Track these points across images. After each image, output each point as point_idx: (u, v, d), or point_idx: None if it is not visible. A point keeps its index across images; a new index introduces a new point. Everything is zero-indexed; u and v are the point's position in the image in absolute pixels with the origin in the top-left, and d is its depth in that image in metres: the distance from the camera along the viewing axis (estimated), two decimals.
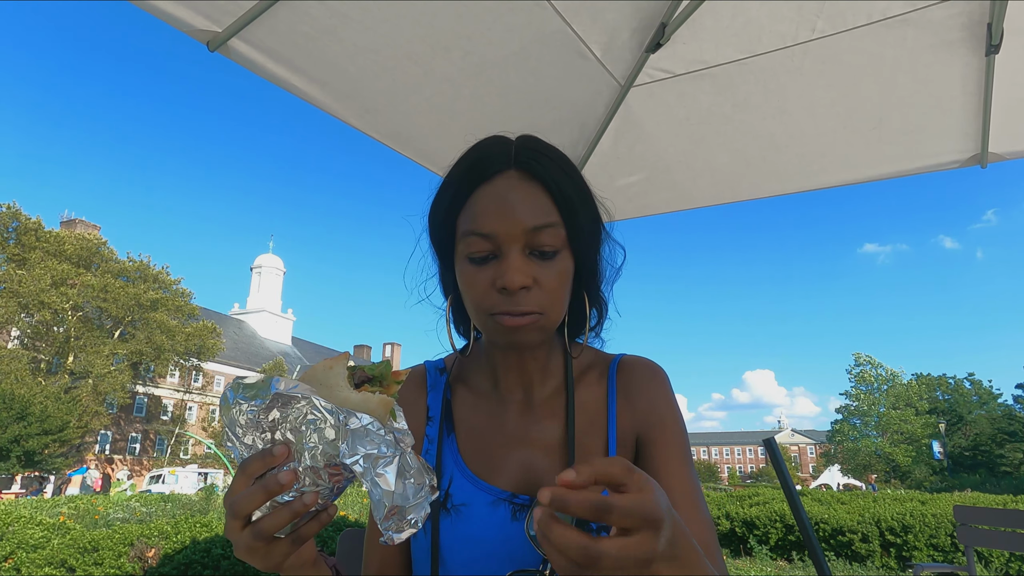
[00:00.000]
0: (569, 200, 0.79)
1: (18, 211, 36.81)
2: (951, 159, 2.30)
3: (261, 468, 0.59)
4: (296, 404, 0.59)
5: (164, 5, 1.41)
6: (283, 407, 0.60)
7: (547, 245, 0.76)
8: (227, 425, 0.63)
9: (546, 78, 2.02)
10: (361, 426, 0.58)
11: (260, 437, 0.62)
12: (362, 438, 0.58)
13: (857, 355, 55.05)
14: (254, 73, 1.61)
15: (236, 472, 0.61)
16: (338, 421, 0.58)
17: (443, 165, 2.13)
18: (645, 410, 0.85)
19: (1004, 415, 48.84)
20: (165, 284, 43.24)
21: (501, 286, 0.74)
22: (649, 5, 1.92)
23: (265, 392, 0.60)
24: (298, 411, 0.59)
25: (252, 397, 0.61)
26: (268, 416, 0.60)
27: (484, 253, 0.77)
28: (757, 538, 9.10)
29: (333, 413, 0.58)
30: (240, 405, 0.61)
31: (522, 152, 0.80)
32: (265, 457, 0.59)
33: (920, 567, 4.96)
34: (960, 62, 1.96)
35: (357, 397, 0.60)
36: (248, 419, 0.61)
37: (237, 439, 0.63)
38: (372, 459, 0.58)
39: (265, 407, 0.60)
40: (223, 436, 0.65)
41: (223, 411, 0.63)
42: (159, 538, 5.41)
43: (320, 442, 0.59)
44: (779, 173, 2.54)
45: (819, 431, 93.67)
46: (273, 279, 77.99)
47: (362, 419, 0.58)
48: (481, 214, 0.77)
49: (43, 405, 30.64)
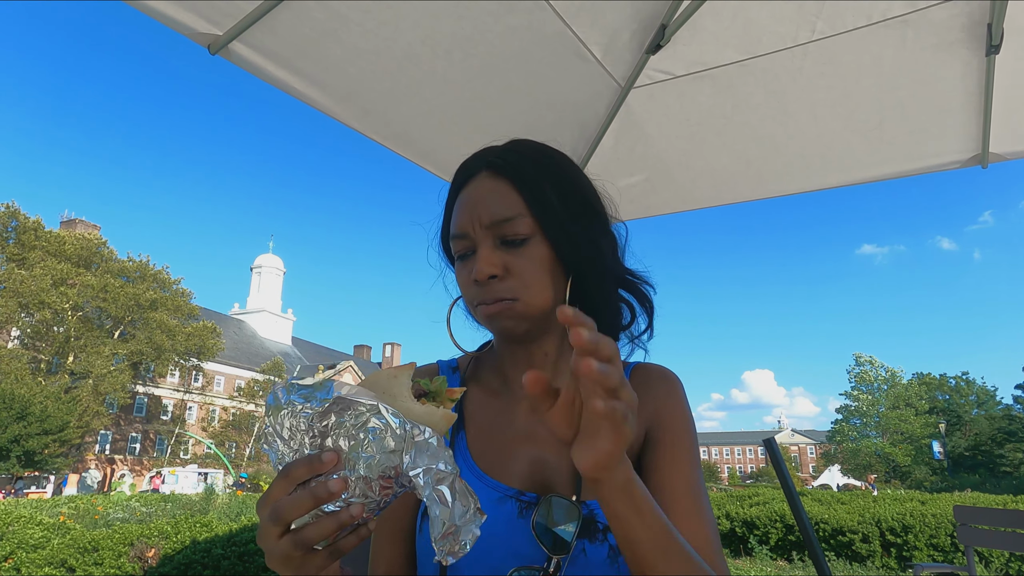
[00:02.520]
0: (537, 191, 0.83)
1: (17, 210, 36.80)
2: (952, 159, 2.30)
3: (306, 474, 0.56)
4: (357, 409, 0.57)
5: (165, 8, 1.41)
6: (341, 412, 0.57)
7: (514, 235, 0.81)
8: (271, 425, 0.60)
9: (546, 80, 2.02)
10: (424, 439, 0.56)
11: (310, 441, 0.58)
12: (424, 452, 0.56)
13: (857, 355, 55.12)
14: (255, 76, 1.60)
15: (277, 476, 0.58)
16: (404, 431, 0.56)
17: (444, 167, 2.16)
18: (654, 411, 0.86)
19: (1004, 415, 48.86)
20: (165, 284, 43.24)
21: (474, 278, 0.80)
22: (649, 6, 1.92)
23: (324, 394, 0.57)
24: (358, 417, 0.57)
25: (308, 398, 0.58)
26: (322, 420, 0.58)
27: (464, 251, 0.84)
28: (757, 538, 9.11)
29: (400, 423, 0.56)
30: (293, 406, 0.58)
31: (494, 153, 0.87)
32: (312, 463, 0.56)
33: (920, 567, 4.96)
34: (960, 62, 1.96)
35: (421, 409, 0.59)
36: (298, 421, 0.58)
37: (282, 440, 0.60)
38: (432, 474, 0.56)
39: (322, 410, 0.57)
40: (262, 437, 0.62)
41: (270, 411, 0.61)
42: (159, 538, 5.42)
43: (379, 452, 0.56)
44: (780, 174, 2.54)
45: (819, 431, 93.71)
46: (273, 279, 77.97)
47: (425, 432, 0.57)
48: (456, 217, 0.84)
49: (43, 405, 30.64)
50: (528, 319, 0.82)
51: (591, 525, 0.76)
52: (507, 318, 0.81)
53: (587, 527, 0.76)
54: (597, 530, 0.76)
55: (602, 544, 0.76)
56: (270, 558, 0.58)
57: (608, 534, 0.76)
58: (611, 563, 0.75)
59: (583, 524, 0.76)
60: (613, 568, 0.75)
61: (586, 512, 0.77)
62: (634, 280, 0.90)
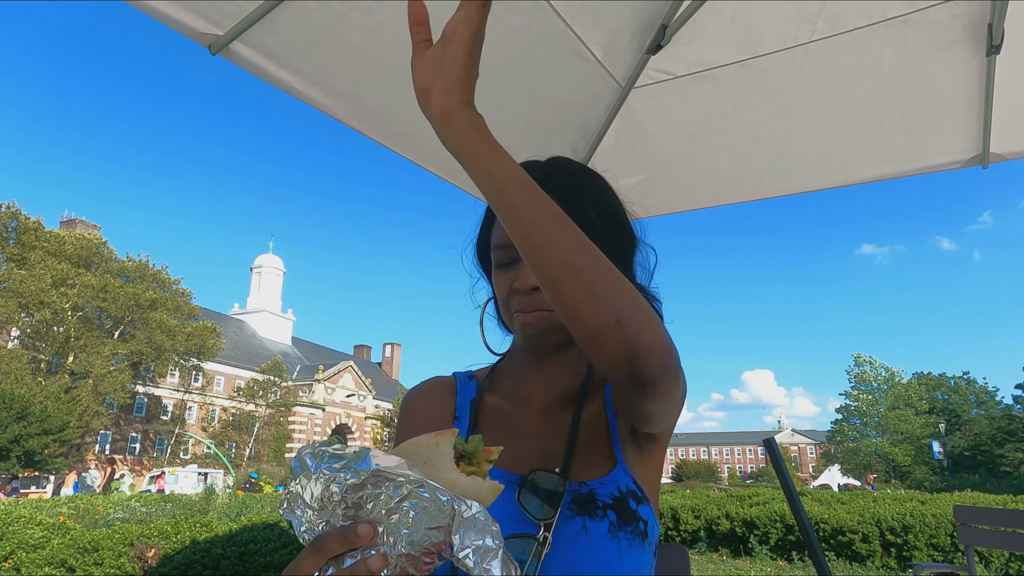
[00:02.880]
0: (582, 208, 0.86)
1: (18, 211, 36.79)
2: (953, 159, 2.30)
3: (340, 548, 0.54)
4: (397, 481, 0.54)
5: (166, 8, 1.41)
6: (378, 483, 0.54)
7: None
8: (295, 491, 0.57)
9: (547, 80, 2.02)
10: (472, 515, 0.54)
11: (343, 512, 0.56)
12: (471, 528, 0.53)
13: (857, 355, 55.13)
14: (256, 76, 1.60)
15: (307, 549, 0.55)
16: (453, 509, 0.53)
17: (444, 166, 2.15)
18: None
19: (1004, 415, 48.86)
20: (165, 284, 43.22)
21: (516, 288, 0.85)
22: (649, 6, 1.92)
23: (360, 465, 0.55)
24: (398, 489, 0.54)
25: (341, 468, 0.55)
26: (358, 491, 0.54)
27: (506, 261, 0.88)
28: (757, 538, 9.11)
29: (448, 500, 0.53)
30: (322, 476, 0.55)
31: (538, 168, 0.91)
32: (347, 536, 0.54)
33: (920, 567, 4.96)
34: (961, 62, 1.96)
35: (467, 482, 0.57)
36: (329, 490, 0.55)
37: (310, 510, 0.56)
38: (481, 552, 0.53)
39: (358, 482, 0.54)
40: (284, 501, 0.58)
41: (296, 476, 0.57)
42: (159, 538, 5.42)
43: (423, 527, 0.53)
44: (780, 174, 2.54)
45: (819, 431, 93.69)
46: (273, 279, 77.94)
47: (472, 507, 0.54)
48: (500, 227, 0.89)
49: (43, 405, 30.62)
50: (561, 331, 0.86)
51: (591, 503, 0.80)
52: (542, 328, 0.86)
53: (588, 505, 0.80)
54: (597, 508, 0.80)
55: (602, 521, 0.79)
56: None
57: (609, 511, 0.80)
58: (611, 538, 0.78)
59: (583, 502, 0.80)
60: (613, 543, 0.78)
61: (586, 491, 0.81)
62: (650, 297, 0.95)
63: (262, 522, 5.94)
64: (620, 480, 0.83)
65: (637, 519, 0.81)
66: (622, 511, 0.80)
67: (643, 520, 0.81)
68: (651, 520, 0.83)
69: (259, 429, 50.45)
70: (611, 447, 0.88)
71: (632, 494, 0.82)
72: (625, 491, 0.82)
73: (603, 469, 0.85)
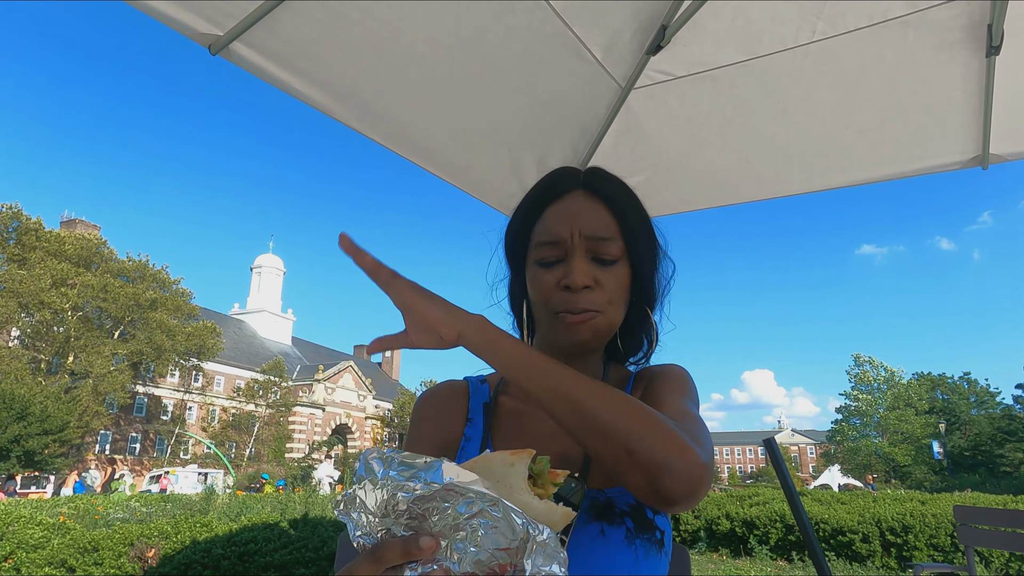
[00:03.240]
0: (628, 219, 0.91)
1: (19, 211, 36.79)
2: (952, 160, 2.29)
3: (400, 559, 0.53)
4: (468, 497, 0.52)
5: (165, 8, 1.41)
6: (446, 497, 0.52)
7: (608, 254, 0.88)
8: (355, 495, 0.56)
9: (547, 80, 2.02)
10: (543, 539, 0.52)
11: (406, 522, 0.54)
12: (541, 553, 0.52)
13: (857, 355, 55.14)
14: (256, 76, 1.60)
15: (364, 555, 0.55)
16: (528, 533, 0.52)
17: (444, 167, 2.16)
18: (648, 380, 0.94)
19: (1004, 415, 48.85)
20: (165, 284, 43.21)
21: (566, 284, 0.86)
22: (649, 7, 1.92)
23: (431, 476, 0.53)
24: (470, 506, 0.52)
25: (410, 477, 0.54)
26: (425, 503, 0.53)
27: (553, 258, 0.89)
28: (757, 538, 9.10)
29: (523, 523, 0.52)
30: (389, 482, 0.54)
31: (588, 176, 0.94)
32: (409, 547, 0.52)
33: (920, 567, 4.96)
34: (961, 63, 1.96)
35: (541, 507, 0.56)
36: (394, 499, 0.54)
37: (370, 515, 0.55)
38: None
39: (426, 494, 0.53)
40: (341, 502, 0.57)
41: (360, 480, 0.56)
42: (159, 538, 5.41)
43: (491, 546, 0.52)
44: (780, 175, 2.54)
45: (819, 431, 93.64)
46: (273, 279, 77.91)
47: (544, 532, 0.53)
48: (551, 225, 0.90)
49: (43, 405, 30.61)
50: (603, 334, 0.89)
51: (610, 510, 0.81)
52: (588, 330, 0.87)
53: (606, 512, 0.81)
54: (615, 514, 0.81)
55: (619, 527, 0.80)
56: None
57: (626, 518, 0.80)
58: (628, 544, 0.79)
59: (601, 508, 0.81)
60: (631, 550, 0.79)
61: (604, 499, 0.82)
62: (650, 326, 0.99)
63: (262, 522, 5.94)
64: None
65: (654, 528, 0.81)
66: (639, 519, 0.81)
67: (660, 530, 0.82)
68: (667, 531, 0.83)
69: (259, 429, 50.44)
70: None
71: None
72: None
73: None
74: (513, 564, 0.53)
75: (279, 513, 7.85)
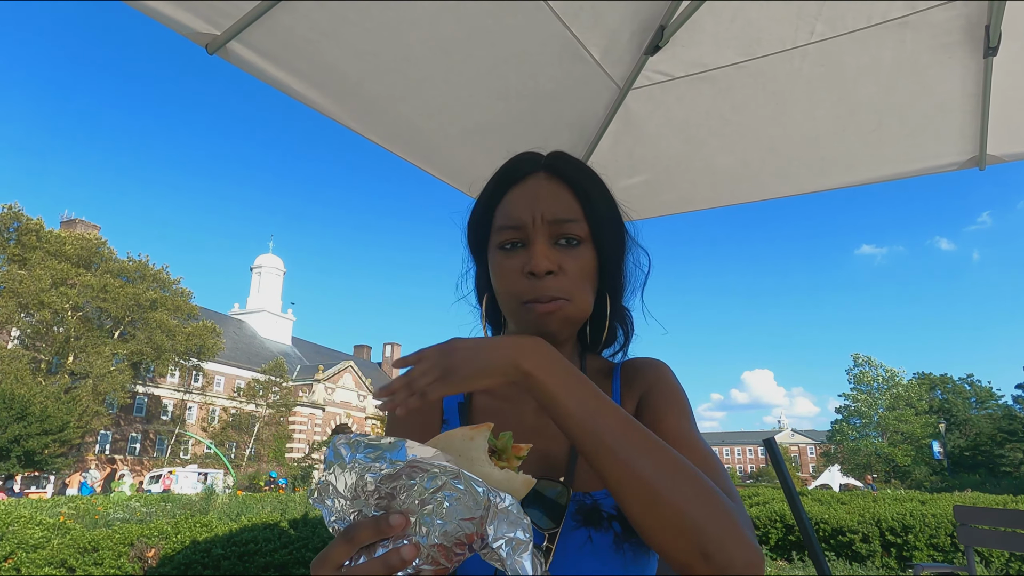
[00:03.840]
0: (592, 200, 0.87)
1: (19, 212, 36.80)
2: (950, 161, 2.30)
3: (372, 537, 0.54)
4: (432, 473, 0.55)
5: (162, 8, 1.41)
6: (412, 474, 0.55)
7: (571, 235, 0.84)
8: (329, 481, 0.57)
9: (545, 80, 2.02)
10: (505, 507, 0.55)
11: (375, 502, 0.56)
12: (504, 520, 0.54)
13: (856, 356, 55.10)
14: (253, 76, 1.60)
15: (338, 539, 0.56)
16: (489, 500, 0.54)
17: (442, 168, 2.16)
18: (644, 390, 0.90)
19: (1004, 415, 48.83)
20: (165, 284, 43.22)
21: (529, 271, 0.82)
22: (648, 7, 1.92)
23: (396, 455, 0.55)
24: (433, 480, 0.54)
25: (376, 458, 0.56)
26: (392, 482, 0.55)
27: (514, 242, 0.85)
28: (757, 538, 9.08)
29: (484, 491, 0.54)
30: (356, 465, 0.56)
31: (550, 158, 0.91)
32: (380, 525, 0.54)
33: (920, 567, 4.97)
34: (959, 64, 1.96)
35: (500, 475, 0.58)
36: (363, 480, 0.56)
37: (342, 499, 0.57)
38: (513, 544, 0.54)
39: (392, 472, 0.55)
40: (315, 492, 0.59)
41: (329, 466, 0.58)
42: (159, 538, 5.42)
43: (457, 518, 0.54)
44: (778, 175, 2.54)
45: (819, 431, 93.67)
46: (273, 279, 77.90)
47: (506, 499, 0.55)
48: (511, 209, 0.86)
49: (43, 405, 30.63)
50: (573, 323, 0.86)
51: (596, 514, 0.79)
52: (559, 319, 0.83)
53: (593, 516, 0.79)
54: (602, 518, 0.79)
55: (607, 532, 0.78)
56: None
57: (614, 522, 0.78)
58: (617, 549, 0.77)
59: (588, 513, 0.79)
60: (619, 554, 0.77)
61: (590, 502, 0.80)
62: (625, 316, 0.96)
63: (262, 522, 5.94)
64: None
65: None
66: (626, 522, 0.79)
67: None
68: None
69: (259, 429, 50.45)
70: None
71: None
72: None
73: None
74: (480, 533, 0.55)
75: (279, 513, 7.85)
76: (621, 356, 0.97)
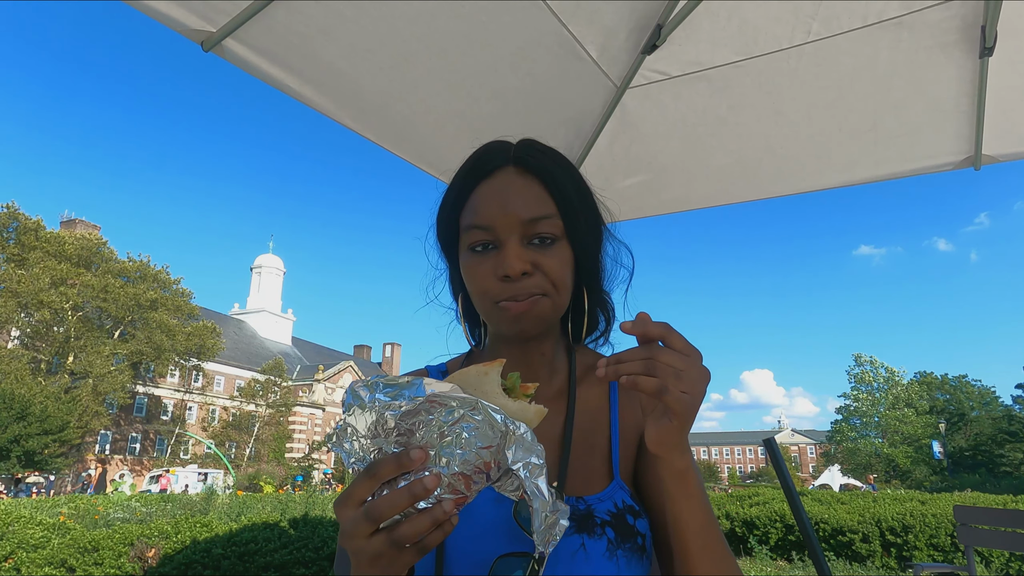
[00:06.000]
0: (565, 193, 0.83)
1: (17, 211, 36.81)
2: (946, 161, 2.30)
3: (394, 472, 0.55)
4: (449, 406, 0.57)
5: (158, 5, 1.41)
6: (430, 409, 0.57)
7: (545, 233, 0.80)
8: (348, 423, 0.59)
9: (542, 79, 2.02)
10: (520, 434, 0.57)
11: (396, 439, 0.58)
12: (521, 446, 0.57)
13: (857, 356, 55.10)
14: (249, 73, 1.60)
15: (360, 476, 0.57)
16: (506, 428, 0.57)
17: (439, 166, 2.16)
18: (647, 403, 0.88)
19: (1004, 415, 48.80)
20: (165, 284, 43.25)
21: (503, 274, 0.78)
22: (645, 6, 1.92)
23: (415, 392, 0.57)
24: (450, 413, 0.57)
25: (394, 396, 0.57)
26: (412, 418, 0.57)
27: (483, 243, 0.81)
28: (757, 538, 9.10)
29: (502, 419, 0.57)
30: (376, 404, 0.57)
31: (519, 150, 0.85)
32: (401, 460, 0.55)
33: (920, 567, 4.97)
34: (954, 64, 1.97)
35: (514, 406, 0.60)
36: (383, 418, 0.57)
37: (362, 439, 0.59)
38: (529, 468, 0.57)
39: (412, 408, 0.57)
40: (333, 435, 0.61)
41: (349, 408, 0.59)
42: (159, 538, 5.42)
43: (475, 447, 0.56)
44: (775, 175, 2.55)
45: (819, 431, 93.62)
46: (273, 279, 77.97)
47: (520, 427, 0.58)
48: (480, 207, 0.81)
49: (43, 405, 30.65)
50: (549, 320, 0.83)
51: (590, 520, 0.78)
52: (535, 317, 0.80)
53: (586, 523, 0.77)
54: (595, 525, 0.77)
55: (600, 539, 0.77)
56: (359, 558, 0.57)
57: (607, 528, 0.77)
58: (610, 557, 0.76)
59: (581, 519, 0.77)
60: (612, 561, 0.76)
61: (583, 508, 0.78)
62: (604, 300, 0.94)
63: (262, 522, 5.93)
64: (617, 496, 0.81)
65: (635, 534, 0.79)
66: (620, 528, 0.78)
67: (641, 534, 0.80)
68: (647, 533, 0.81)
69: (259, 429, 50.45)
70: (608, 459, 0.85)
71: (629, 508, 0.80)
72: (622, 506, 0.80)
73: (600, 483, 0.82)
74: (496, 461, 0.58)
75: (279, 513, 7.85)
76: (603, 341, 0.96)
